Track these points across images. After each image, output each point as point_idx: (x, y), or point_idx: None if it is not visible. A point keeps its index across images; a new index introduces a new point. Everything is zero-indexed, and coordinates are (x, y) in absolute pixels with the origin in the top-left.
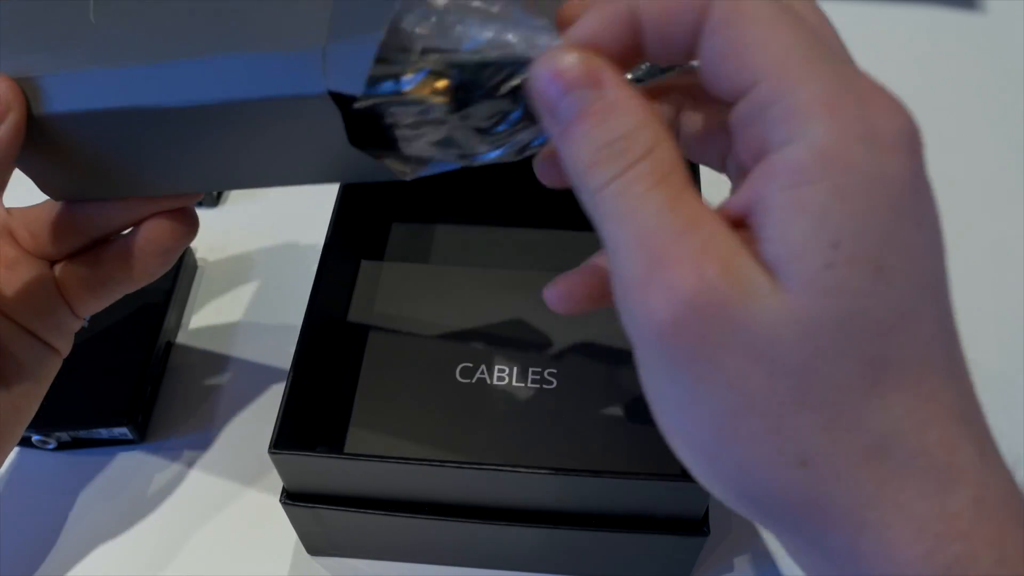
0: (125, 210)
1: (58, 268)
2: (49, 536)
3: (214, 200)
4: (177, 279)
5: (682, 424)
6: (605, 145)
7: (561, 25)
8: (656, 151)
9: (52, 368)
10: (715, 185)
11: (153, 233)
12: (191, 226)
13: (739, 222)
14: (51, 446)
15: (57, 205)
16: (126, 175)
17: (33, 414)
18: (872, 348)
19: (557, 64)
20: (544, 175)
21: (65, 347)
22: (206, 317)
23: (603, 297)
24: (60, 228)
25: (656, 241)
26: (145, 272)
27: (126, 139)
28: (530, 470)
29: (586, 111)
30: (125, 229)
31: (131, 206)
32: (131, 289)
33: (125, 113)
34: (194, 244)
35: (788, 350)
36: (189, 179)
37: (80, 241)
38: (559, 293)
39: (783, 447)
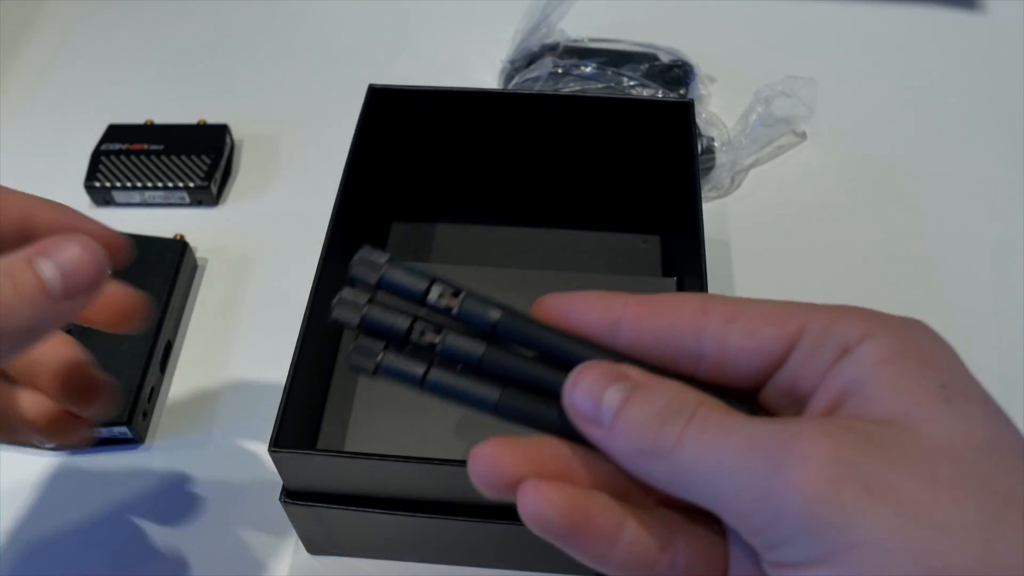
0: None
1: None
2: (49, 536)
3: (214, 200)
4: (177, 279)
5: None
6: (662, 408)
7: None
8: (707, 398)
9: None
10: None
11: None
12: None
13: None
14: (51, 446)
15: None
16: None
17: None
18: (1018, 463)
19: (585, 376)
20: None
21: None
22: (206, 317)
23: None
24: None
25: (766, 438)
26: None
27: None
28: None
29: (628, 398)
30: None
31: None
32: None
33: None
34: (194, 244)
35: (960, 466)
36: None
37: None
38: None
39: (1003, 572)
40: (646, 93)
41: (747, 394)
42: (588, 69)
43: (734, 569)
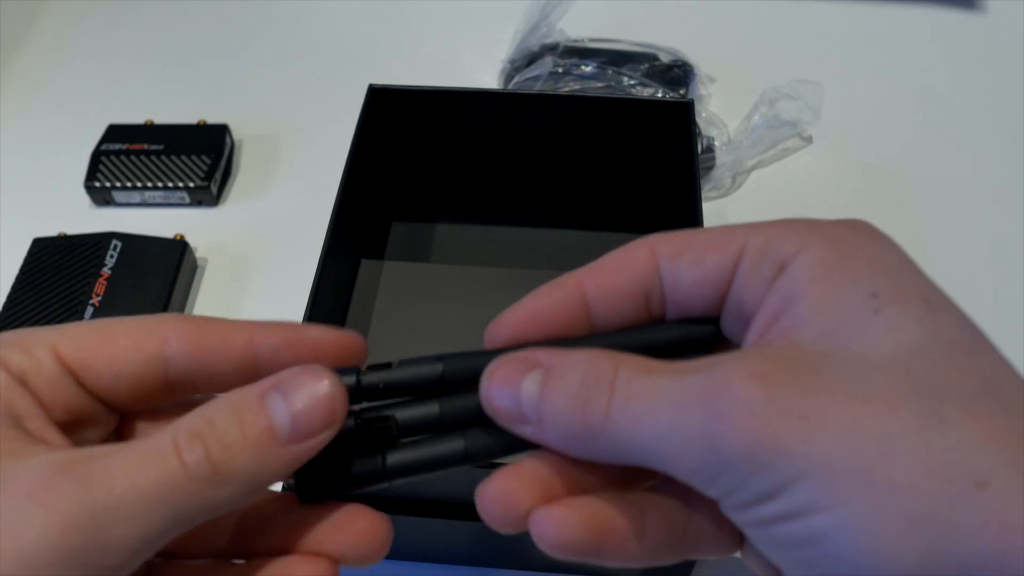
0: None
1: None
2: None
3: (214, 200)
4: (177, 279)
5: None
6: (579, 388)
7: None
8: (624, 358)
9: None
10: None
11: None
12: None
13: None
14: None
15: (136, 342)
16: None
17: None
18: (965, 363)
19: (496, 375)
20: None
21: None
22: None
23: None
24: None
25: (695, 390)
26: None
27: None
28: None
29: (544, 386)
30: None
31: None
32: None
33: None
34: (194, 244)
35: (892, 376)
36: None
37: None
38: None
39: (949, 473)
40: (646, 92)
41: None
42: (588, 69)
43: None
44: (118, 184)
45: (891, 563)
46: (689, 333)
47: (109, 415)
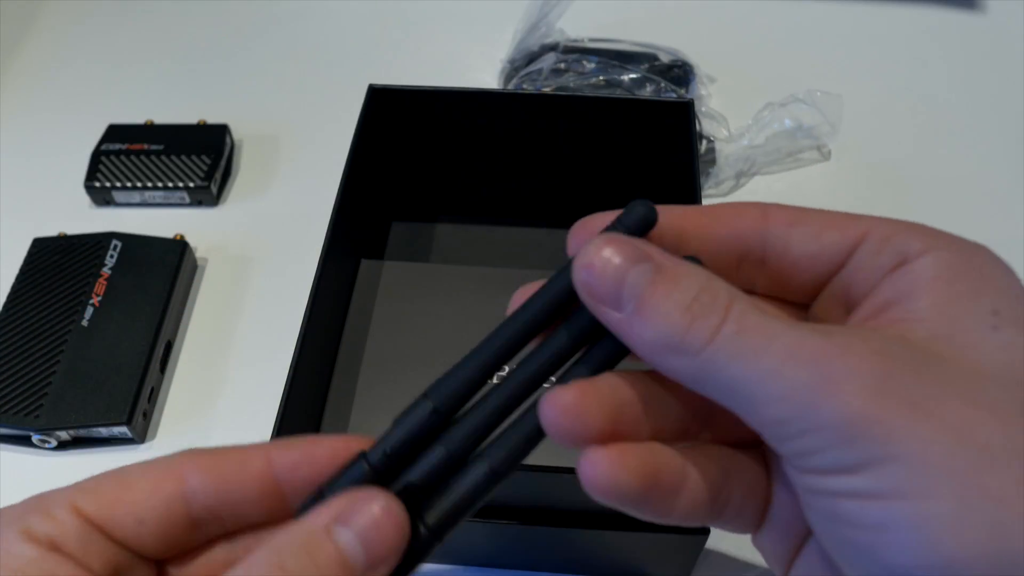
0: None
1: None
2: None
3: (214, 200)
4: (177, 279)
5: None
6: (692, 302)
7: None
8: (740, 293)
9: None
10: None
11: None
12: None
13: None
14: (51, 446)
15: (158, 486)
16: None
17: None
18: None
19: (602, 253)
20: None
21: None
22: (206, 317)
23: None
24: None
25: (811, 348)
26: None
27: None
28: (530, 470)
29: (654, 281)
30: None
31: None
32: None
33: None
34: (194, 244)
35: (1005, 392)
36: None
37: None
38: (566, 408)
39: None
40: (649, 88)
41: (799, 307)
42: (591, 66)
43: (776, 504)
44: (118, 184)
45: (961, 566)
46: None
47: (146, 563)
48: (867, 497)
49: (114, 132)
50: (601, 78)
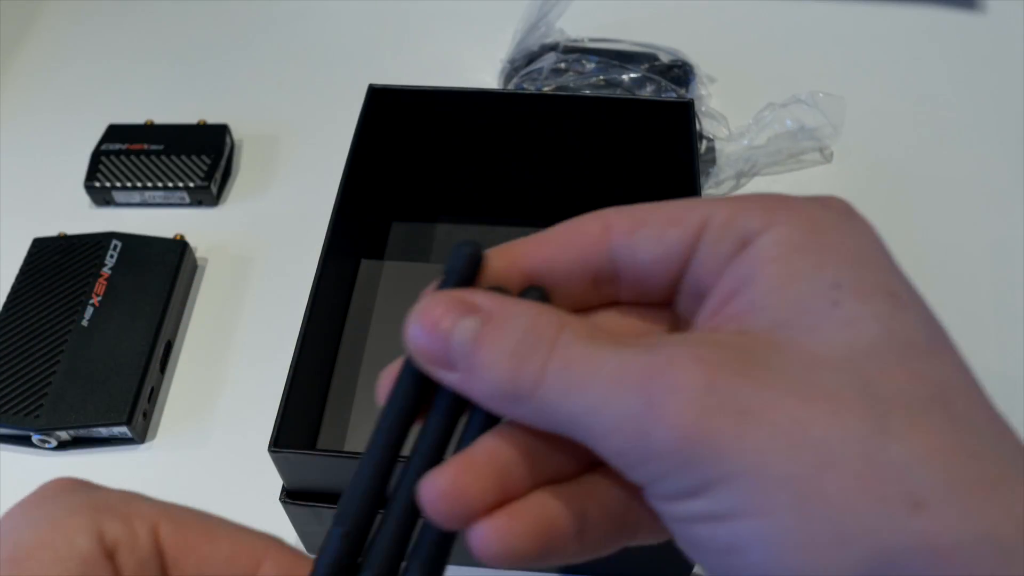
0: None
1: None
2: None
3: (214, 200)
4: (177, 279)
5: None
6: (517, 345)
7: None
8: (569, 320)
9: None
10: None
11: None
12: None
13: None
14: (51, 445)
15: None
16: None
17: None
18: (920, 366)
19: (424, 316)
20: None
21: None
22: (206, 317)
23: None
24: None
25: (635, 369)
26: None
27: None
28: None
29: (480, 334)
30: None
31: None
32: None
33: None
34: (194, 244)
35: (843, 376)
36: None
37: None
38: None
39: (885, 491)
40: (650, 88)
41: (667, 309)
42: (591, 66)
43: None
44: (118, 184)
45: None
46: None
47: None
48: (712, 520)
49: (114, 132)
50: (601, 78)
